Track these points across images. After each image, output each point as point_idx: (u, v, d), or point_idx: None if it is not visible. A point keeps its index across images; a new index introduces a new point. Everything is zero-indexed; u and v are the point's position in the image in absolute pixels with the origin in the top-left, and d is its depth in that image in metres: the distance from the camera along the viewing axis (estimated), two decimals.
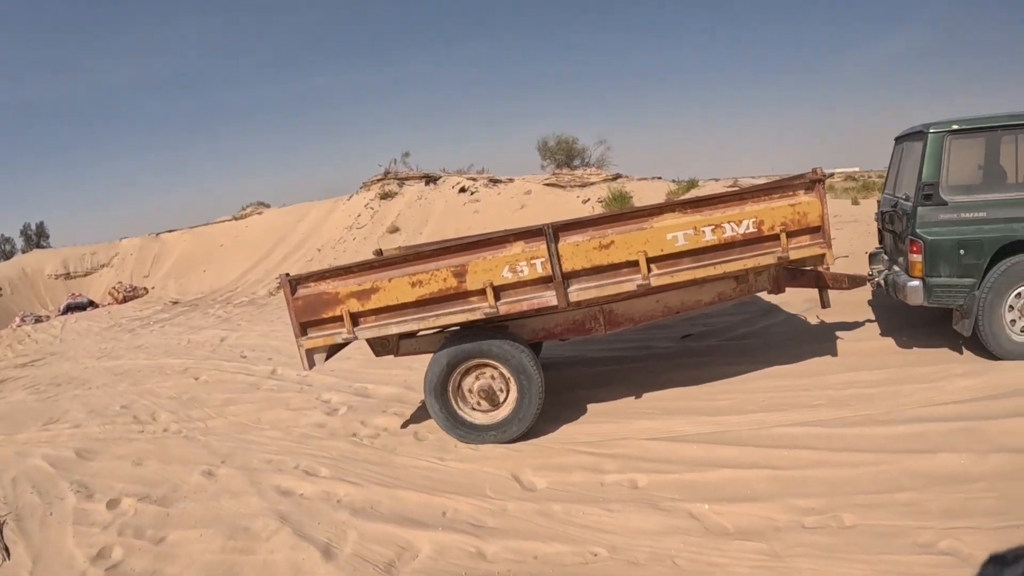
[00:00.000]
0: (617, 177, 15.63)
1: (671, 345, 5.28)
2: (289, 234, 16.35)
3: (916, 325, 4.53)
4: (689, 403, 3.93)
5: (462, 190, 13.88)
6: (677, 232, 3.38)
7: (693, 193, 13.80)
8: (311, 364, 3.64)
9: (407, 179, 14.59)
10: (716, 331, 5.45)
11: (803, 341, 4.75)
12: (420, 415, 4.34)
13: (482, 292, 3.44)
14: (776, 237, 3.38)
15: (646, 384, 4.28)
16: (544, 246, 3.38)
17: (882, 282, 4.15)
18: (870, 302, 5.38)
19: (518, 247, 3.42)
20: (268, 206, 19.48)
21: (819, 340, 4.67)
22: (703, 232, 3.38)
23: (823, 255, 3.43)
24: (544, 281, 3.45)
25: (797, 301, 5.54)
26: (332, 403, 5.02)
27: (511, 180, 15.58)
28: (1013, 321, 3.62)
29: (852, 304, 5.29)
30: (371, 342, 3.80)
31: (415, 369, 4.82)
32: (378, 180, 15.86)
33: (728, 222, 3.37)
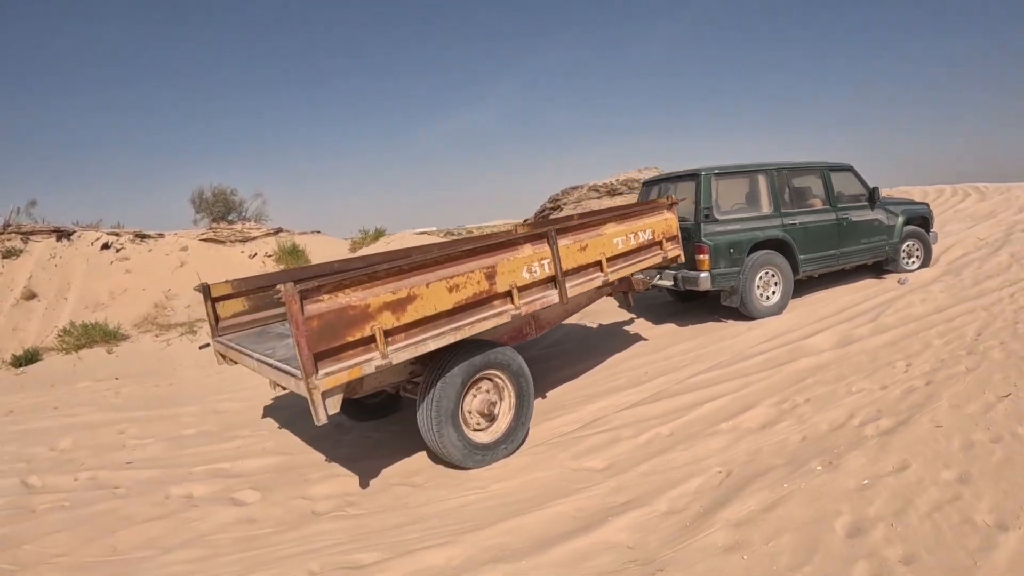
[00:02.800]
0: (279, 231, 14.85)
1: None
2: None
3: (677, 312, 6.65)
4: (599, 388, 4.70)
5: (105, 246, 10.50)
6: (618, 238, 4.24)
7: (383, 242, 14.60)
8: (326, 415, 2.70)
9: (32, 233, 10.03)
10: (528, 344, 6.38)
11: (612, 336, 6.22)
12: (365, 462, 3.63)
13: (506, 295, 3.40)
14: (660, 243, 4.67)
15: (541, 388, 4.75)
16: (547, 248, 3.66)
17: (673, 281, 5.96)
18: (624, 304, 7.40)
19: (528, 249, 3.57)
20: None
21: (622, 333, 6.23)
22: (629, 238, 4.35)
23: (678, 256, 4.90)
24: (548, 280, 3.69)
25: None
26: (206, 494, 3.44)
27: (161, 235, 12.72)
28: (760, 293, 5.95)
29: (615, 304, 7.19)
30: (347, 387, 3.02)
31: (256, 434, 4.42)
32: None
33: (639, 231, 4.46)
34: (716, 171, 5.92)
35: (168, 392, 5.93)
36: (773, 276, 6.07)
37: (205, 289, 4.04)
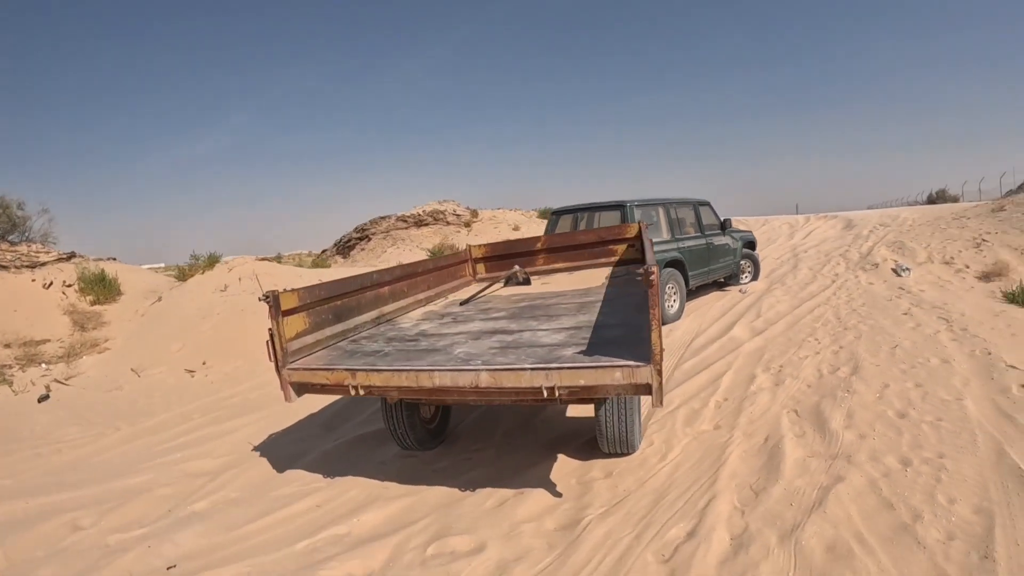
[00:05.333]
0: (72, 256, 11.76)
1: None
2: None
3: None
4: None
5: None
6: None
7: (217, 268, 12.54)
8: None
9: None
10: None
11: None
12: (528, 473, 3.55)
13: None
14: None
15: None
16: None
17: None
18: None
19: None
20: None
21: None
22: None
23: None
24: None
25: None
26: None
27: None
28: (666, 303, 7.18)
29: None
30: None
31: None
32: None
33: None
34: (637, 202, 7.17)
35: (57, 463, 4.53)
36: (674, 289, 7.50)
37: (274, 299, 2.99)
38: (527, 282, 5.50)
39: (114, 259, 13.02)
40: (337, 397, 5.38)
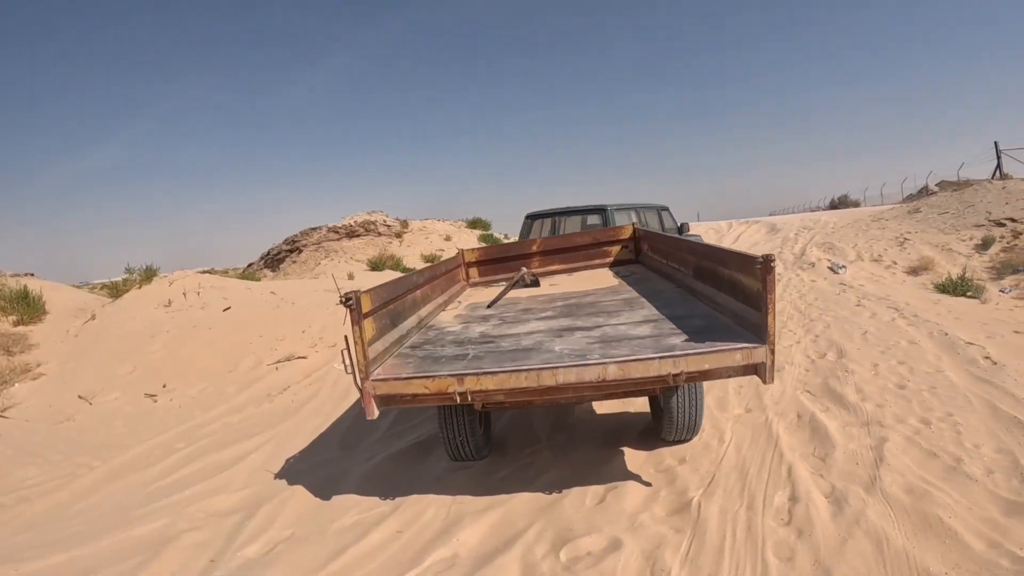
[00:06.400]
0: None
1: None
2: None
3: None
4: None
5: None
6: None
7: (156, 282, 11.51)
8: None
9: None
10: None
11: None
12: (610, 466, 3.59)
13: None
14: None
15: None
16: None
17: None
18: None
19: None
20: None
21: None
22: None
23: None
24: None
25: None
26: None
27: None
28: None
29: None
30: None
31: None
32: None
33: None
34: (615, 206, 7.52)
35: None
36: None
37: (356, 301, 2.71)
38: (536, 284, 5.55)
39: (32, 275, 11.65)
40: (337, 417, 5.18)
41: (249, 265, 24.96)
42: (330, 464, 4.06)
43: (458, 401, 2.60)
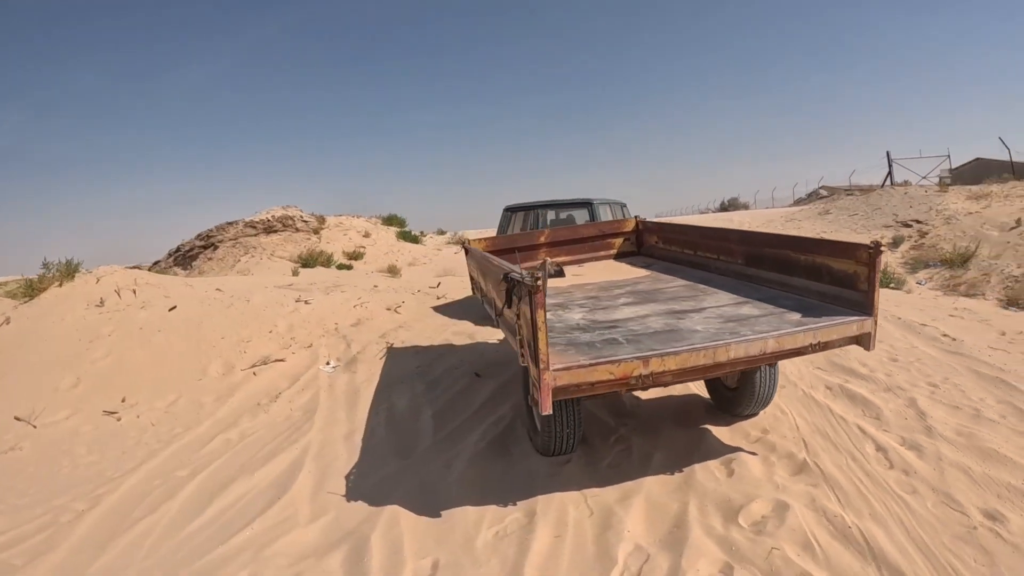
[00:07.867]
0: None
1: None
2: None
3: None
4: None
5: None
6: None
7: (79, 279, 10.13)
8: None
9: None
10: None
11: None
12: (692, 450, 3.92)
13: None
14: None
15: None
16: None
17: None
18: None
19: None
20: None
21: None
22: None
23: None
24: None
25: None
26: None
27: None
28: None
29: None
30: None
31: None
32: None
33: None
34: (599, 200, 8.03)
35: None
36: None
37: (543, 279, 2.56)
38: (560, 274, 5.68)
39: None
40: (361, 424, 4.64)
41: (156, 263, 22.52)
42: (400, 476, 3.64)
43: (637, 387, 2.67)
